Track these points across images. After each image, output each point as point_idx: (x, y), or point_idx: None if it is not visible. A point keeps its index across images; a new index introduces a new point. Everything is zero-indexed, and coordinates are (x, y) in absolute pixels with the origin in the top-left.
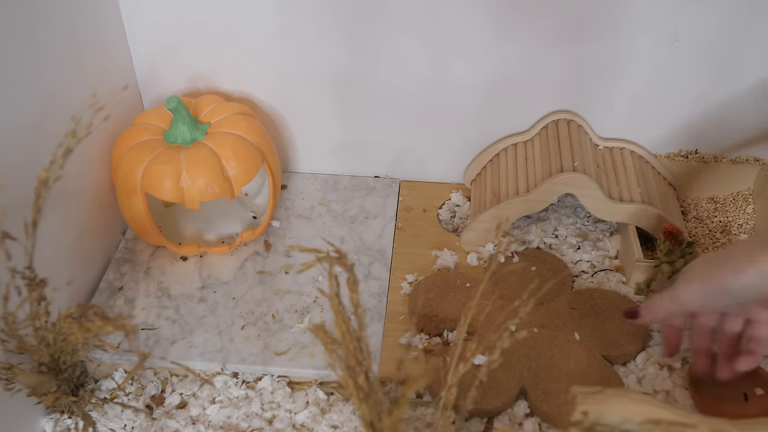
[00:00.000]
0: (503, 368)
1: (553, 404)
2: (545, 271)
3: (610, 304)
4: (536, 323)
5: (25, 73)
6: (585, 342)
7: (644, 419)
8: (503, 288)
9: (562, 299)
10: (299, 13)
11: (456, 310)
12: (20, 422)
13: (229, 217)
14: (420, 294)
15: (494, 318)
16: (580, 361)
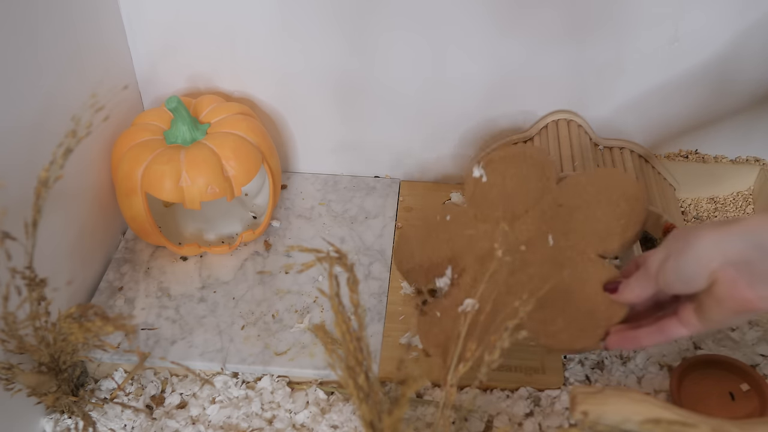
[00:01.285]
0: (495, 309)
1: (550, 333)
2: (526, 170)
3: (601, 187)
4: (522, 240)
5: (25, 73)
6: (577, 243)
7: (644, 419)
8: (485, 208)
9: (548, 199)
10: (299, 13)
11: (441, 251)
12: (20, 422)
13: (229, 217)
14: (401, 249)
15: (483, 248)
16: (575, 269)
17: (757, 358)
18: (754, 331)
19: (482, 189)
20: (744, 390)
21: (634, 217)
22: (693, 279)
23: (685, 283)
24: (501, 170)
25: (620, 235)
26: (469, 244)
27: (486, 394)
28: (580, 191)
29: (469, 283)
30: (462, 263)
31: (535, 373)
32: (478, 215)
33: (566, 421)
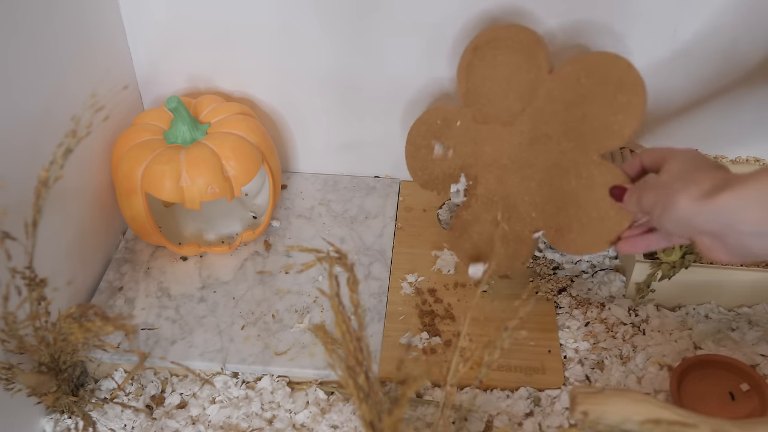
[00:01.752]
0: (512, 217)
1: (568, 241)
2: (515, 57)
3: (595, 78)
4: (524, 140)
5: (25, 73)
6: (577, 143)
7: (644, 419)
8: (481, 105)
9: (542, 93)
10: (299, 13)
11: (450, 161)
12: (20, 422)
13: (229, 217)
14: (414, 160)
15: (488, 154)
16: (580, 174)
17: (757, 358)
18: (754, 331)
19: (475, 83)
20: (744, 390)
21: (633, 111)
22: (674, 235)
23: (668, 234)
24: (490, 58)
25: (619, 133)
26: (475, 150)
27: (486, 394)
28: (573, 84)
29: (486, 194)
30: (473, 172)
31: (535, 373)
32: (476, 116)
33: (566, 421)
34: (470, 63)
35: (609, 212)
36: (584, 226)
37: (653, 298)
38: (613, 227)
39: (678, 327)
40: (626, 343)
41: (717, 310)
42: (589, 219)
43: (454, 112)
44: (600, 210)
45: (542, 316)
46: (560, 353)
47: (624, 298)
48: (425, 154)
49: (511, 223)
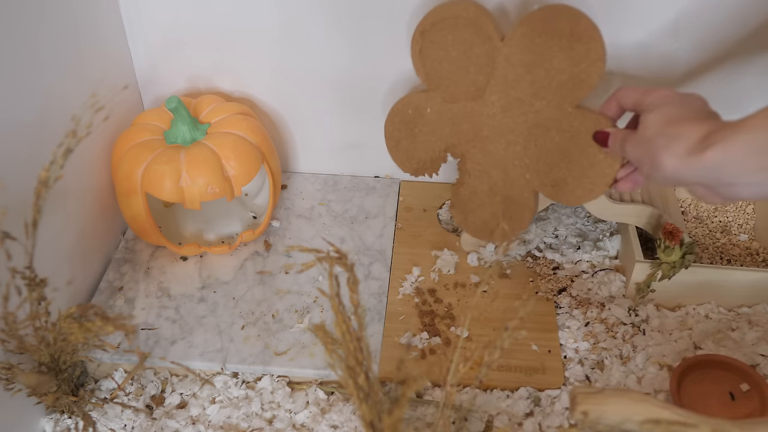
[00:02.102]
0: (506, 184)
1: (567, 193)
2: (464, 33)
3: (547, 34)
4: (497, 109)
5: (25, 73)
6: (549, 101)
7: (644, 419)
8: (446, 87)
9: (501, 60)
10: (299, 14)
11: (433, 144)
12: (20, 422)
13: (229, 217)
14: (398, 152)
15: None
16: (561, 128)
17: (757, 358)
18: (754, 331)
19: (432, 67)
20: (744, 390)
21: (594, 57)
22: (665, 187)
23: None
24: (440, 40)
25: (587, 82)
26: (454, 130)
27: (486, 394)
28: (528, 45)
29: (476, 168)
30: (458, 150)
31: (535, 373)
32: (445, 97)
33: (566, 421)
34: (422, 49)
35: (598, 157)
36: (578, 176)
37: (653, 298)
38: (606, 171)
39: (678, 327)
40: (626, 343)
41: (717, 310)
42: (582, 168)
43: (423, 99)
44: (589, 157)
45: (542, 316)
46: (560, 353)
47: (624, 298)
48: (407, 144)
49: (507, 189)
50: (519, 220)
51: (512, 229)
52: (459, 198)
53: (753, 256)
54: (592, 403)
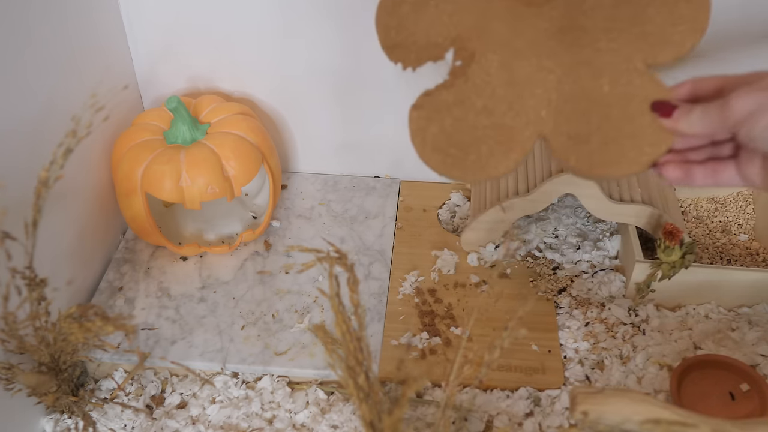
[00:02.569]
0: (510, 110)
1: (583, 154)
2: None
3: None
4: (551, 26)
5: (25, 73)
6: (621, 45)
7: (644, 419)
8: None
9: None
10: (299, 13)
11: (442, 26)
12: (20, 422)
13: (229, 217)
14: (389, 12)
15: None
16: (617, 80)
17: (757, 358)
18: (754, 331)
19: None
20: (744, 390)
21: (697, 24)
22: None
23: (752, 162)
24: None
25: (677, 45)
26: (479, 23)
27: (486, 394)
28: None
29: (482, 77)
30: (470, 47)
31: (535, 373)
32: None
33: (566, 421)
34: None
35: (646, 130)
36: (608, 140)
37: (653, 298)
38: (648, 147)
39: (678, 327)
40: (626, 343)
41: (717, 310)
42: (618, 134)
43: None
44: (634, 125)
45: (542, 316)
46: (560, 353)
47: (624, 298)
48: (409, 11)
49: (507, 117)
50: (500, 156)
51: (488, 165)
52: (435, 100)
53: (753, 256)
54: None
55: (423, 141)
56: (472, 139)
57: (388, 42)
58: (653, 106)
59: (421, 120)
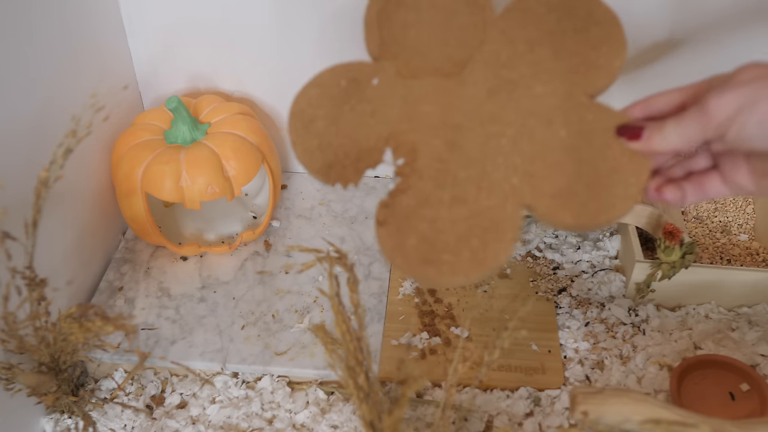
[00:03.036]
0: (481, 191)
1: (576, 208)
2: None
3: (561, 13)
4: (480, 91)
5: (25, 73)
6: (555, 86)
7: (644, 419)
8: (407, 58)
9: (494, 35)
10: (299, 13)
11: (369, 129)
12: (20, 422)
13: (229, 217)
14: (303, 138)
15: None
16: (569, 121)
17: (757, 358)
18: (754, 331)
19: (392, 33)
20: (744, 390)
21: (615, 42)
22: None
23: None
24: (410, 3)
25: (606, 67)
26: (407, 112)
27: (486, 394)
28: (534, 20)
29: (435, 166)
30: (408, 140)
31: (535, 373)
32: (403, 71)
33: (566, 421)
34: (382, 11)
35: (621, 161)
36: (592, 185)
37: (653, 298)
38: (633, 178)
39: (678, 327)
40: (626, 343)
41: (717, 310)
42: (597, 175)
43: (368, 69)
44: (608, 160)
45: (542, 316)
46: (560, 353)
47: (624, 298)
48: (325, 127)
49: (481, 199)
50: (495, 244)
51: (487, 258)
52: (397, 210)
53: (753, 256)
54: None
55: (406, 257)
56: (457, 237)
57: (315, 165)
58: (618, 132)
59: (392, 236)
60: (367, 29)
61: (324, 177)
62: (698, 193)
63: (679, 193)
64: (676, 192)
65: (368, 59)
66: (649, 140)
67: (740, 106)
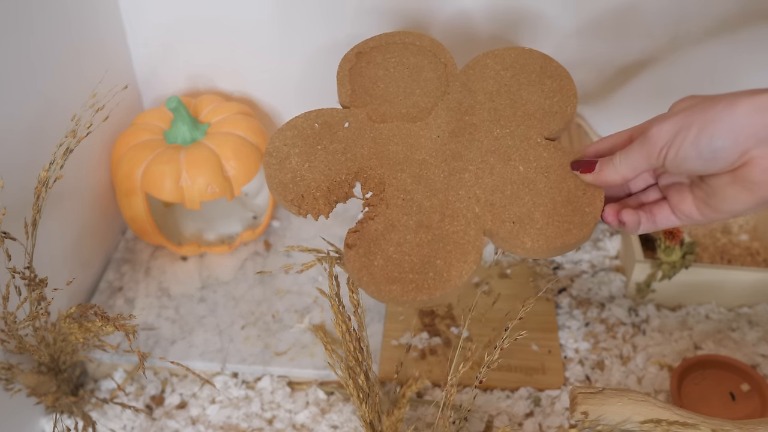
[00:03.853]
0: (445, 218)
1: (534, 233)
2: (412, 58)
3: (516, 69)
4: (444, 133)
5: (25, 73)
6: (514, 129)
7: (644, 419)
8: (377, 106)
9: (456, 86)
10: (299, 13)
11: (340, 165)
12: (20, 422)
13: (229, 217)
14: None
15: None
16: (527, 158)
17: (757, 359)
18: (754, 331)
19: (363, 85)
20: (744, 390)
21: (568, 92)
22: (720, 157)
23: (708, 160)
24: (380, 61)
25: (560, 113)
26: (376, 150)
27: (486, 394)
28: (492, 75)
29: (402, 196)
30: (376, 174)
31: (535, 373)
32: (373, 116)
33: (566, 422)
34: (354, 68)
35: (576, 193)
36: (548, 213)
37: (653, 298)
38: (588, 207)
39: (678, 327)
40: (626, 343)
41: (717, 310)
42: (553, 204)
43: (339, 114)
44: (564, 192)
45: (542, 316)
46: (560, 353)
47: (624, 298)
48: (298, 163)
49: (445, 224)
50: (459, 264)
51: (451, 276)
52: (365, 234)
53: (753, 256)
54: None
55: (372, 276)
56: (422, 258)
57: (289, 197)
58: (573, 166)
59: (361, 257)
60: (340, 84)
61: (296, 208)
62: (650, 223)
63: (636, 217)
64: (634, 216)
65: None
66: (601, 172)
67: (677, 131)
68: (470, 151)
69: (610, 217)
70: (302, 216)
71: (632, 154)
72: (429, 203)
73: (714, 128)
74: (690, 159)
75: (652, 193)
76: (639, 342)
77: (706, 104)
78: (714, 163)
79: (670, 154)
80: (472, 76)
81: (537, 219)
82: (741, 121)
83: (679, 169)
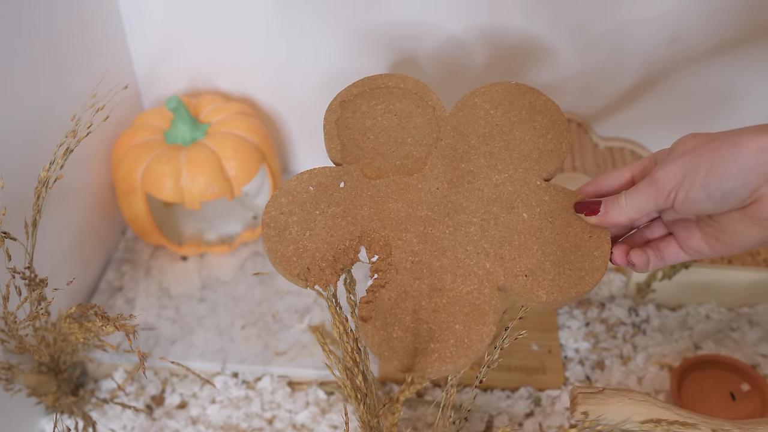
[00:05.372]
0: (457, 278)
1: (547, 284)
2: (399, 104)
3: (506, 107)
4: (442, 184)
5: (25, 73)
6: (512, 173)
7: (645, 419)
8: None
9: (447, 131)
10: (300, 13)
11: (341, 230)
12: (20, 422)
13: (229, 217)
14: (278, 245)
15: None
16: (529, 204)
17: (757, 358)
18: (754, 331)
19: (352, 138)
20: (745, 390)
21: (559, 128)
22: (730, 198)
23: (719, 201)
24: (366, 109)
25: (556, 150)
26: (376, 210)
27: (486, 394)
28: (482, 116)
29: (410, 259)
30: (380, 236)
31: (535, 373)
32: (367, 172)
33: (566, 421)
34: (340, 119)
35: (582, 237)
36: (559, 262)
37: (654, 298)
38: (596, 251)
39: (678, 327)
40: (626, 343)
41: (717, 310)
42: (562, 252)
43: (333, 174)
44: (570, 237)
45: (542, 316)
46: (560, 353)
47: (624, 298)
48: (299, 233)
49: (457, 286)
50: (479, 327)
51: (472, 342)
52: (379, 304)
53: (753, 256)
54: (592, 403)
55: (393, 350)
56: (440, 324)
57: (295, 271)
58: (577, 208)
59: (379, 330)
60: (327, 138)
61: (303, 282)
62: (658, 261)
63: (645, 257)
64: (642, 256)
65: (331, 164)
66: (607, 213)
67: (685, 173)
68: (472, 202)
69: (620, 259)
70: (310, 288)
71: (639, 196)
72: (439, 263)
73: (723, 170)
74: (700, 201)
75: (657, 228)
76: (639, 342)
77: (711, 145)
78: (724, 203)
79: (679, 197)
80: (463, 118)
81: (548, 270)
82: (748, 161)
83: (689, 210)
